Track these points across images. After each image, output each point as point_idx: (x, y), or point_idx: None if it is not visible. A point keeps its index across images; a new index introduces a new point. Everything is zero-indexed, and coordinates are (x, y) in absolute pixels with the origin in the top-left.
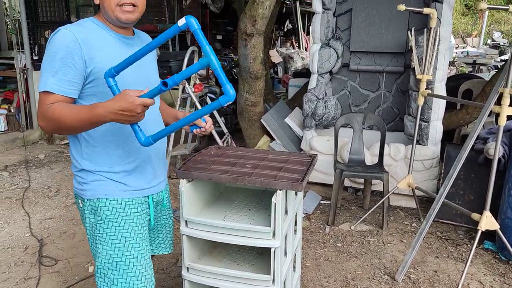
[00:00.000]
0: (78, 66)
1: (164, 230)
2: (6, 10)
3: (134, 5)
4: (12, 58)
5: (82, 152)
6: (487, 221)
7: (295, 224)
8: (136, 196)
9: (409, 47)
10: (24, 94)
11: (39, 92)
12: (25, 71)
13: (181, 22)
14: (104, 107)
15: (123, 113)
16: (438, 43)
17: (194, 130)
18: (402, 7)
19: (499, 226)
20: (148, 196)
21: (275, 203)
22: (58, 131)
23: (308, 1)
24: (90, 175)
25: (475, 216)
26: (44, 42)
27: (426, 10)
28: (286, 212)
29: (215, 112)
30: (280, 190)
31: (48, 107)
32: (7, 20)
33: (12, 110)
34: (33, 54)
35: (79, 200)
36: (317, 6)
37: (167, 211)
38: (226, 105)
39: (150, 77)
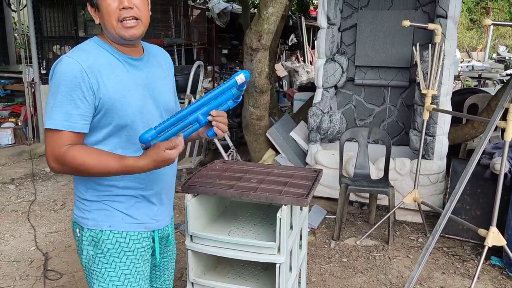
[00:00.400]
0: (88, 97)
1: (169, 268)
2: (15, 25)
3: (136, 19)
4: (20, 72)
5: (87, 181)
6: (494, 237)
7: (300, 239)
8: (142, 230)
9: (414, 62)
10: (31, 108)
11: (46, 128)
12: (33, 85)
13: (240, 79)
14: (136, 162)
15: (157, 166)
16: (443, 58)
17: (214, 128)
18: (406, 23)
19: (506, 242)
20: (154, 231)
21: (280, 218)
22: (73, 174)
23: (313, 16)
24: (94, 204)
25: (481, 231)
26: (52, 56)
27: (430, 26)
28: (291, 227)
29: None
30: (285, 205)
31: (65, 152)
32: (16, 34)
33: (19, 124)
34: (41, 68)
35: (77, 229)
36: (322, 21)
37: (172, 248)
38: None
39: (164, 99)
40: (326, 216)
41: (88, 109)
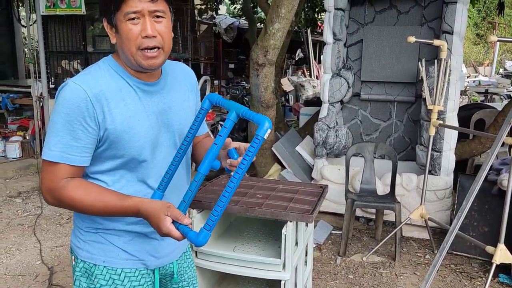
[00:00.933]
0: (91, 129)
1: None
2: (25, 40)
3: (159, 48)
4: (29, 87)
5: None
6: (502, 254)
7: (306, 255)
8: (139, 267)
9: (420, 77)
10: (39, 122)
11: (44, 159)
12: (41, 99)
13: (267, 134)
14: (136, 213)
15: (152, 225)
16: (449, 73)
17: (230, 163)
18: (412, 39)
19: None
20: (154, 269)
21: (285, 235)
22: (70, 209)
23: (320, 31)
24: (89, 234)
25: (489, 249)
26: (60, 71)
27: (436, 42)
28: (296, 243)
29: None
30: (291, 221)
31: (62, 187)
32: (25, 49)
33: (27, 137)
34: (50, 82)
35: (73, 256)
36: (328, 37)
37: (181, 285)
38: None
39: (179, 126)
40: (332, 231)
41: (91, 140)
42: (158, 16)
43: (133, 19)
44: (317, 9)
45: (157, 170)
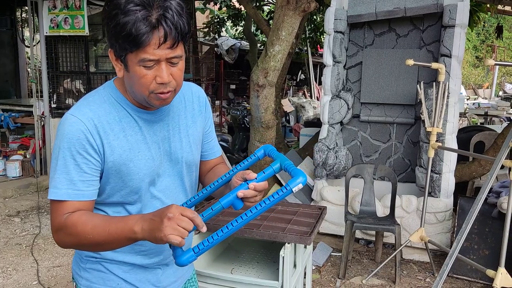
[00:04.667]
0: (94, 160)
1: None
2: (28, 59)
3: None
4: (31, 106)
5: None
6: (503, 278)
7: (305, 277)
8: None
9: (419, 100)
10: (40, 141)
11: (50, 199)
12: (43, 118)
13: (297, 188)
14: (142, 217)
15: (149, 236)
16: (448, 96)
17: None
18: (410, 62)
19: None
20: None
21: (283, 257)
22: (77, 247)
23: (320, 53)
24: (89, 262)
25: (489, 272)
26: (63, 91)
27: (434, 65)
28: (294, 265)
29: (226, 161)
30: (289, 243)
31: (66, 218)
32: (29, 69)
33: (27, 156)
34: (52, 102)
35: (74, 283)
36: (327, 59)
37: None
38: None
39: (182, 153)
40: (332, 253)
41: (95, 172)
42: (173, 62)
43: (148, 66)
44: (319, 31)
45: (160, 200)
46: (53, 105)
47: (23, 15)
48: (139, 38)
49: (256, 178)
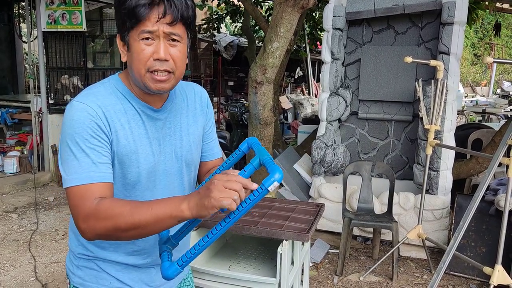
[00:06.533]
0: (107, 144)
1: None
2: (26, 55)
3: (169, 72)
4: (28, 102)
5: (79, 235)
6: (499, 275)
7: (302, 274)
8: None
9: (417, 97)
10: (38, 137)
11: (70, 187)
12: (40, 114)
13: (272, 187)
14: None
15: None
16: (446, 93)
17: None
18: (409, 59)
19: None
20: None
21: (281, 254)
22: (110, 233)
23: (319, 50)
24: (82, 260)
25: (486, 269)
26: (60, 87)
27: (432, 63)
28: (292, 262)
29: (224, 157)
30: (286, 240)
31: (98, 203)
32: (26, 65)
33: (25, 152)
34: (49, 98)
35: (68, 280)
36: (326, 56)
37: None
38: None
39: (182, 152)
40: (330, 250)
41: (109, 156)
42: (173, 40)
43: (147, 39)
44: (318, 28)
45: (157, 198)
46: (51, 101)
47: (20, 11)
48: (137, 9)
49: None
